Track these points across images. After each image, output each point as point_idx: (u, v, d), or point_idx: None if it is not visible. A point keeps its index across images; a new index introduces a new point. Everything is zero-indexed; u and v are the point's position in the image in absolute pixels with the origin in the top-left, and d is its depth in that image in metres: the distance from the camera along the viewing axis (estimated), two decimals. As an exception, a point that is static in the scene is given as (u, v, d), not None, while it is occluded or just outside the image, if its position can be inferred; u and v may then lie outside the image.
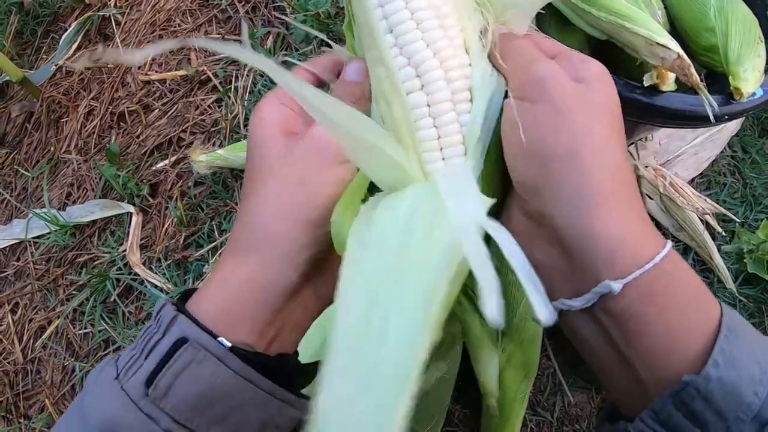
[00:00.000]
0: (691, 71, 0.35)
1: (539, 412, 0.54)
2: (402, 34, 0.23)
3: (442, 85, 0.23)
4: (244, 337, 0.22)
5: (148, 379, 0.20)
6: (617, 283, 0.20)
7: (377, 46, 0.23)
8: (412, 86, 0.23)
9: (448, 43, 0.23)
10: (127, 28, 0.81)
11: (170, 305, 0.22)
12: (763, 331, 0.58)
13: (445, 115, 0.23)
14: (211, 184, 0.66)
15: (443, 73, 0.23)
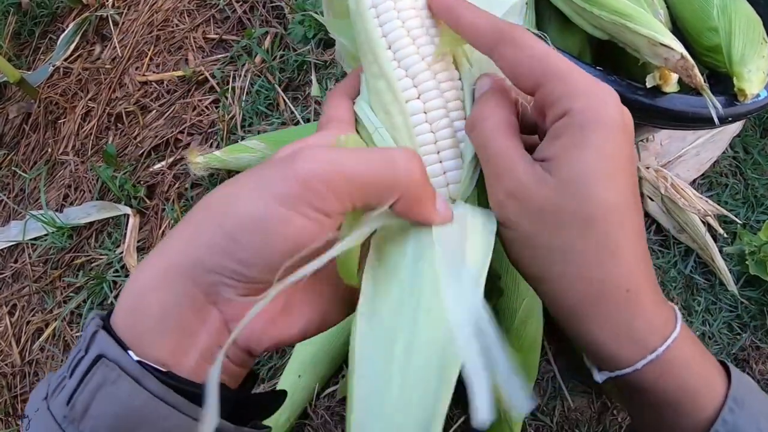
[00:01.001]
0: (695, 72, 0.35)
1: (539, 417, 0.53)
2: (400, 48, 0.26)
3: (436, 93, 0.25)
4: (160, 355, 0.19)
5: (69, 398, 0.18)
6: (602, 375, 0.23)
7: (378, 61, 0.26)
8: (410, 95, 0.26)
9: (440, 57, 0.26)
10: (125, 29, 0.81)
11: (97, 318, 0.20)
12: (764, 333, 0.57)
13: (440, 121, 0.25)
14: (208, 186, 0.66)
15: (436, 83, 0.26)
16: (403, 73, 0.26)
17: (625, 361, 0.22)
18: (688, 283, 0.59)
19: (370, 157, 0.20)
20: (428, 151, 0.25)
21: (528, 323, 0.46)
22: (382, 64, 0.26)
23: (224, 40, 0.76)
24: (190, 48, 0.76)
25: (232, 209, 0.19)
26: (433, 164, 0.25)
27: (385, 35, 0.26)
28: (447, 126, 0.25)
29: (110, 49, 0.80)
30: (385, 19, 0.26)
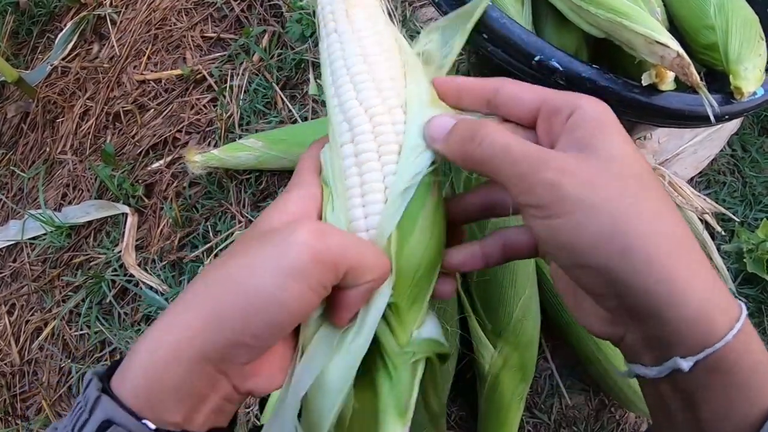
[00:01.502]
0: (691, 70, 0.35)
1: (536, 414, 0.53)
2: (341, 94, 0.27)
3: (368, 138, 0.26)
4: (175, 416, 0.20)
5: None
6: (687, 362, 0.20)
7: (328, 106, 0.28)
8: (345, 139, 0.27)
9: (379, 101, 0.27)
10: (123, 27, 0.80)
11: (96, 380, 0.20)
12: (763, 330, 0.57)
13: (367, 164, 0.26)
14: (206, 185, 0.66)
15: (371, 128, 0.26)
16: (341, 118, 0.27)
17: (718, 332, 0.20)
18: (686, 280, 0.59)
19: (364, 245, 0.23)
20: (354, 194, 0.26)
21: (525, 321, 0.46)
22: (329, 108, 0.28)
23: (222, 38, 0.76)
24: (187, 47, 0.76)
25: (249, 287, 0.20)
26: (355, 208, 0.26)
27: (334, 84, 0.28)
28: (375, 170, 0.26)
29: (108, 48, 0.80)
30: (334, 68, 0.28)
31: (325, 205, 0.26)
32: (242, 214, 0.64)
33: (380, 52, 0.28)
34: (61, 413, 0.62)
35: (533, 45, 0.36)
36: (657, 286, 0.20)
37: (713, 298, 0.20)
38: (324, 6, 0.30)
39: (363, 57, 0.27)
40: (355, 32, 0.28)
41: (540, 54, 0.36)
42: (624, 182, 0.21)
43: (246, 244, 0.22)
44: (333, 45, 0.28)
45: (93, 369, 0.22)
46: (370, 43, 0.28)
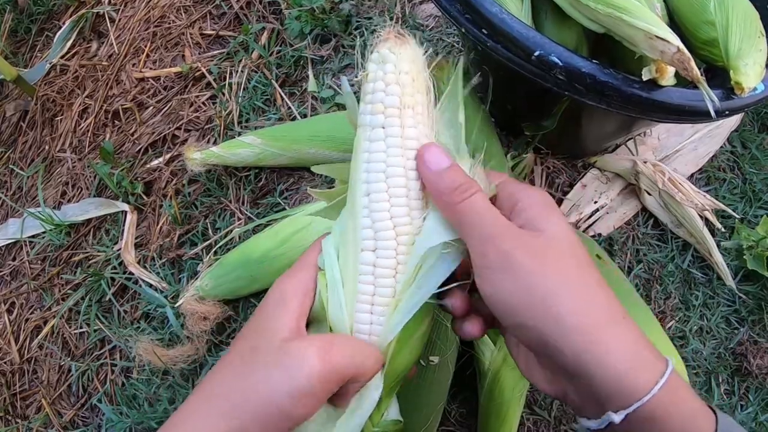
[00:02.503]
0: (691, 65, 0.35)
1: (537, 411, 0.53)
2: (374, 201, 0.28)
3: (391, 254, 0.27)
4: None
5: None
6: (619, 415, 0.23)
7: (354, 200, 0.28)
8: (367, 246, 0.28)
9: (408, 220, 0.28)
10: (122, 25, 0.80)
11: None
12: (762, 328, 0.57)
13: (385, 279, 0.27)
14: (205, 182, 0.66)
15: (395, 245, 0.27)
16: (369, 223, 0.28)
17: (644, 387, 0.23)
18: (686, 277, 0.59)
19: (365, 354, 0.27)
20: (364, 300, 0.28)
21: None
22: (356, 207, 0.28)
23: (221, 36, 0.75)
24: (186, 44, 0.76)
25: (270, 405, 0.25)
26: (363, 313, 0.28)
27: (368, 182, 0.28)
28: (390, 286, 0.27)
29: (107, 46, 0.80)
30: (372, 168, 0.28)
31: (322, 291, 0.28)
32: (241, 211, 0.64)
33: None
34: (60, 411, 0.62)
35: (533, 40, 0.36)
36: (583, 349, 0.23)
37: (638, 358, 0.24)
38: (376, 89, 0.28)
39: (405, 171, 0.28)
40: (404, 139, 0.28)
41: (540, 49, 0.36)
42: (564, 260, 0.25)
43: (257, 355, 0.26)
44: (377, 143, 0.28)
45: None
46: (413, 156, 0.28)
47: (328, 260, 0.28)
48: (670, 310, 0.57)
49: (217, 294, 0.56)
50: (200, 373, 0.57)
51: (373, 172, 0.28)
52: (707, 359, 0.56)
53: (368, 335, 0.28)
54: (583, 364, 0.23)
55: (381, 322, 0.28)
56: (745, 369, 0.55)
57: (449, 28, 0.71)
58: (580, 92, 0.37)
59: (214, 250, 0.62)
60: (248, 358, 0.26)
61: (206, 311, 0.55)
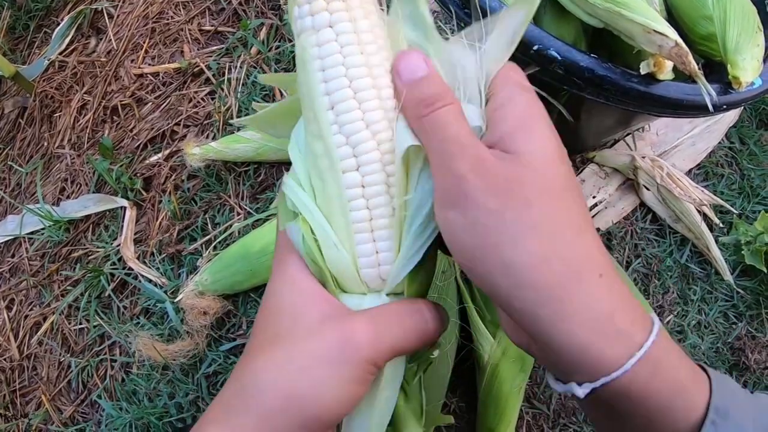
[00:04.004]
0: (689, 59, 0.35)
1: (536, 405, 0.54)
2: (343, 112, 0.23)
3: (377, 167, 0.23)
4: None
5: None
6: (583, 389, 0.19)
7: (318, 121, 0.23)
8: (348, 165, 0.23)
9: (386, 124, 0.23)
10: (120, 21, 0.80)
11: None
12: (760, 323, 0.58)
13: (378, 198, 0.23)
14: (204, 177, 0.66)
15: (380, 156, 0.23)
16: (344, 140, 0.23)
17: (613, 362, 0.19)
18: (684, 272, 0.59)
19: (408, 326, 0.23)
20: (362, 229, 0.23)
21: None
22: (321, 125, 0.23)
23: (220, 31, 0.75)
24: (185, 40, 0.76)
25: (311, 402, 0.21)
26: (365, 243, 0.23)
27: (329, 94, 0.23)
28: (386, 204, 0.23)
29: (105, 42, 0.80)
30: (330, 75, 0.23)
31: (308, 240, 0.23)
32: (241, 206, 0.64)
33: (381, 60, 0.23)
34: (60, 408, 0.62)
35: (531, 34, 0.36)
36: (538, 311, 0.19)
37: (607, 325, 0.19)
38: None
39: (368, 70, 0.23)
40: (358, 34, 0.23)
41: (538, 44, 0.36)
42: (536, 196, 0.20)
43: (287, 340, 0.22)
44: (329, 46, 0.23)
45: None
46: (373, 49, 0.23)
47: (299, 202, 0.24)
48: (668, 305, 0.58)
49: (216, 289, 0.56)
50: (200, 368, 0.57)
51: (333, 80, 0.23)
52: (705, 354, 0.56)
53: (377, 267, 0.23)
54: (538, 326, 0.19)
55: (389, 248, 0.23)
56: (743, 364, 0.56)
57: (448, 23, 0.71)
58: (579, 86, 0.37)
59: (213, 245, 0.62)
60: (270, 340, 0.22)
61: (206, 306, 0.55)
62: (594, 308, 0.19)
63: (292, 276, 0.24)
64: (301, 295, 0.23)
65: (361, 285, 0.24)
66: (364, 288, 0.24)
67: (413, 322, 0.23)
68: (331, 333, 0.22)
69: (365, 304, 0.24)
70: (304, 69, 0.23)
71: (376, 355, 0.21)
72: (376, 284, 0.24)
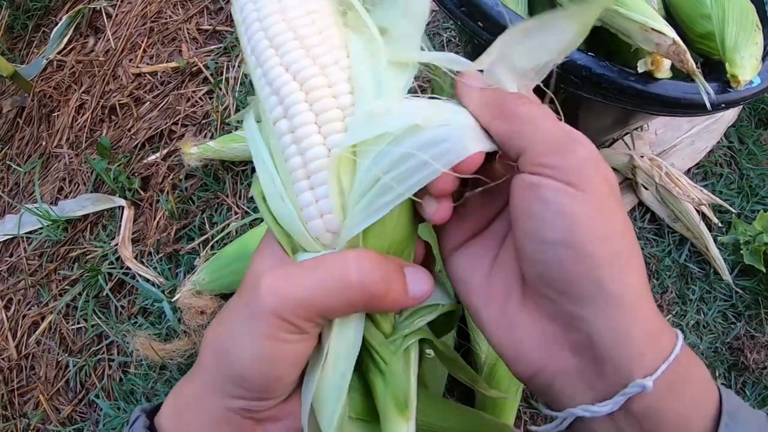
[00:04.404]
0: (687, 57, 0.35)
1: (533, 405, 0.54)
2: (264, 62, 0.23)
3: (303, 108, 0.22)
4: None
5: None
6: (649, 380, 0.19)
7: (252, 77, 0.24)
8: (277, 114, 0.23)
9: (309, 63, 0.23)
10: (118, 21, 0.80)
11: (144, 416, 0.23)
12: (759, 323, 0.58)
13: (307, 139, 0.22)
14: (202, 177, 0.65)
15: (304, 96, 0.22)
16: (269, 91, 0.23)
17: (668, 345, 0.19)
18: (683, 271, 0.59)
19: (325, 276, 0.20)
20: (298, 177, 0.22)
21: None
22: (255, 83, 0.24)
23: (218, 30, 0.75)
24: (183, 39, 0.75)
25: (233, 358, 0.21)
26: (303, 192, 0.22)
27: (253, 51, 0.23)
28: (318, 144, 0.22)
29: (104, 42, 0.80)
30: (251, 34, 0.24)
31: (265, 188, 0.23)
32: (238, 206, 0.64)
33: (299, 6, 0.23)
34: (58, 407, 0.62)
35: (528, 32, 0.36)
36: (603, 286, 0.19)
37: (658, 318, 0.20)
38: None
39: (281, 14, 0.23)
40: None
41: (535, 41, 0.36)
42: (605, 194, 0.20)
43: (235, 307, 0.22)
44: (246, 7, 0.24)
45: (140, 406, 0.24)
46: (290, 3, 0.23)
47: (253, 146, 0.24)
48: (666, 305, 0.58)
49: (214, 288, 0.56)
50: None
51: (254, 38, 0.24)
52: (704, 354, 0.56)
53: (321, 217, 0.22)
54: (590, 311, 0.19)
55: (325, 193, 0.22)
56: (741, 363, 0.56)
57: (446, 23, 0.71)
58: (576, 85, 0.37)
59: (211, 244, 0.62)
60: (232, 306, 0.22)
61: (203, 305, 0.55)
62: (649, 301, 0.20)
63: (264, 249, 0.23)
64: (258, 257, 0.23)
65: (313, 242, 0.22)
66: (319, 245, 0.22)
67: (332, 276, 0.20)
68: (245, 286, 0.22)
69: None
70: (242, 41, 0.24)
71: (281, 308, 0.19)
72: (327, 239, 0.22)
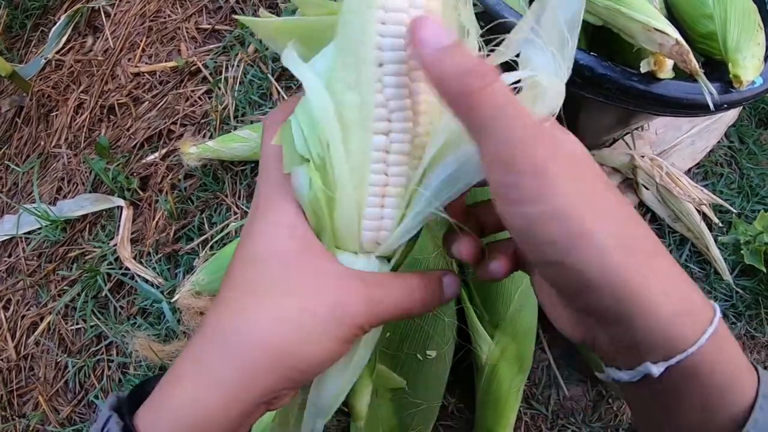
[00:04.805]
0: (690, 57, 0.35)
1: (534, 406, 0.53)
2: (390, 75, 0.22)
3: (407, 138, 0.23)
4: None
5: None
6: (658, 367, 0.19)
7: (360, 72, 0.22)
8: (380, 128, 0.22)
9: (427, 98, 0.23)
10: (117, 20, 0.80)
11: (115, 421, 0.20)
12: (759, 323, 0.57)
13: (397, 167, 0.23)
14: (201, 177, 0.65)
15: (411, 126, 0.23)
16: (382, 100, 0.22)
17: (691, 335, 0.19)
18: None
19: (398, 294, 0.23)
20: (375, 193, 0.23)
21: (523, 312, 0.46)
22: (362, 78, 0.22)
23: (217, 30, 0.75)
24: (182, 38, 0.75)
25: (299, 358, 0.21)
26: (374, 207, 0.23)
27: (381, 49, 0.21)
28: (403, 174, 0.23)
29: (102, 41, 0.79)
30: (388, 32, 0.21)
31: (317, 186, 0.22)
32: (237, 206, 0.64)
33: None
34: (57, 408, 0.62)
35: (530, 32, 0.36)
36: (626, 291, 0.19)
37: (686, 304, 0.19)
38: None
39: None
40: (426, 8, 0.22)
41: (537, 41, 0.36)
42: (596, 180, 0.20)
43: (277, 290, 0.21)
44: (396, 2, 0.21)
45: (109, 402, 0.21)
46: None
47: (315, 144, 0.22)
48: (667, 305, 0.58)
49: (213, 289, 0.56)
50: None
51: (390, 37, 0.21)
52: (704, 354, 0.56)
53: (377, 232, 0.23)
54: (625, 306, 0.19)
55: (393, 216, 0.23)
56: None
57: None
58: (578, 85, 0.37)
59: (210, 244, 0.61)
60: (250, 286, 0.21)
61: (202, 306, 0.55)
62: (673, 283, 0.20)
63: (290, 222, 0.22)
64: (298, 243, 0.22)
65: (356, 244, 0.24)
66: (358, 247, 0.24)
67: (402, 297, 0.23)
68: (327, 291, 0.21)
69: (357, 264, 0.24)
70: (360, 11, 0.22)
71: (366, 321, 0.22)
72: (370, 246, 0.24)
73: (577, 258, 0.19)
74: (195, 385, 0.21)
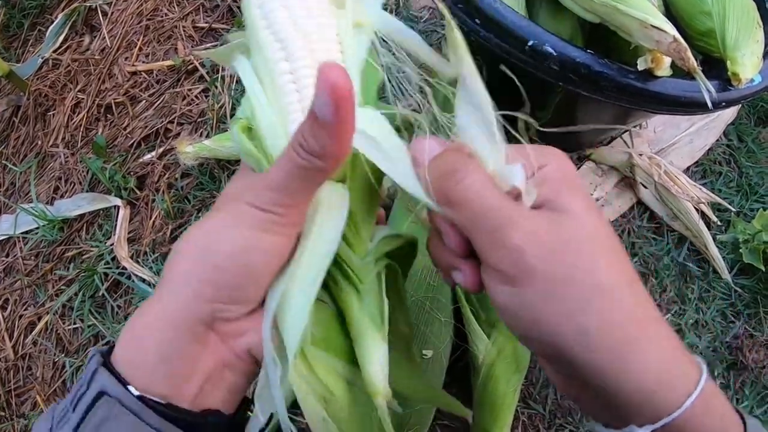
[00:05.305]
0: (688, 55, 0.34)
1: (531, 405, 0.53)
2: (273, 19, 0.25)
3: (303, 54, 0.25)
4: (161, 388, 0.21)
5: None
6: (644, 430, 0.20)
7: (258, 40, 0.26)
8: (278, 56, 0.25)
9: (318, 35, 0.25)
10: (114, 19, 0.79)
11: (98, 355, 0.21)
12: (758, 322, 0.57)
13: (306, 79, 0.25)
14: (197, 176, 0.65)
15: (307, 44, 0.25)
16: (272, 38, 0.26)
17: (676, 400, 0.19)
18: (682, 270, 0.59)
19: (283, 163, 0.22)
20: (293, 110, 0.25)
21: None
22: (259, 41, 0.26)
23: (214, 28, 0.75)
24: (179, 37, 0.75)
25: (217, 246, 0.22)
26: (295, 123, 0.24)
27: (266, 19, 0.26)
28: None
29: (99, 40, 0.79)
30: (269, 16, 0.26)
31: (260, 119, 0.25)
32: (235, 206, 0.64)
33: None
34: (55, 407, 0.62)
35: (526, 30, 0.36)
36: (610, 368, 0.19)
37: (672, 368, 0.20)
38: None
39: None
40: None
41: (533, 39, 0.36)
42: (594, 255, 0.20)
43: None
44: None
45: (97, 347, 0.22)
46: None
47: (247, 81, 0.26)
48: (665, 304, 0.57)
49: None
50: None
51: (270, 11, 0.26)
52: (703, 353, 0.56)
53: None
54: (609, 382, 0.19)
55: None
56: (740, 363, 0.55)
57: (442, 20, 0.70)
58: (575, 83, 0.37)
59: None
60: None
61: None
62: (659, 357, 0.20)
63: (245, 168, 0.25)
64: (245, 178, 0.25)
65: None
66: None
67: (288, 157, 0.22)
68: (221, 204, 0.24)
69: None
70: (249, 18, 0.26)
71: (257, 200, 0.21)
72: None
73: (558, 339, 0.20)
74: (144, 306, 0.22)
